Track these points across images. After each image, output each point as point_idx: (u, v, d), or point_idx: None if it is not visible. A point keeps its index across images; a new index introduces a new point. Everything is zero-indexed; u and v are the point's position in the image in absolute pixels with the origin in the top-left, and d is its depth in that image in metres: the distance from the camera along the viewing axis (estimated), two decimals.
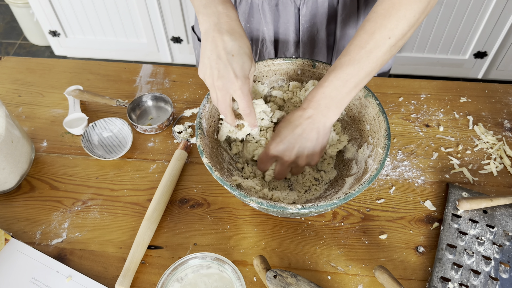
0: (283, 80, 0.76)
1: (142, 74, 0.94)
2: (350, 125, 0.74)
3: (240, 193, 0.59)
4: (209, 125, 0.69)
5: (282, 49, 0.90)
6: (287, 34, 0.87)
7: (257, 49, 0.91)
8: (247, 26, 0.87)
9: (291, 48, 0.89)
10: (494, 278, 0.63)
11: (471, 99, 0.88)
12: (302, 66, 0.74)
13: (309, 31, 0.86)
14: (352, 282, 0.64)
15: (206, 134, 0.67)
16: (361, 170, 0.67)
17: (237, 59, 0.58)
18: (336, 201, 0.57)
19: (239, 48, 0.58)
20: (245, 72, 0.59)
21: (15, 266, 0.65)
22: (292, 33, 0.86)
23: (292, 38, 0.87)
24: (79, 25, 2.04)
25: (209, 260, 0.61)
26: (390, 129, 0.66)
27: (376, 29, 0.59)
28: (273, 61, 0.74)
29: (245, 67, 0.59)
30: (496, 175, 0.76)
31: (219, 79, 0.59)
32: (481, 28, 1.80)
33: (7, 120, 0.71)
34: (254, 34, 0.88)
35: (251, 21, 0.86)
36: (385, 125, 0.65)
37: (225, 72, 0.59)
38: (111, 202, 0.74)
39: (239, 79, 0.59)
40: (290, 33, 0.86)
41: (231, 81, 0.59)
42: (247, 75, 0.59)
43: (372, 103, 0.68)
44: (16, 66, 0.96)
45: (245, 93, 0.61)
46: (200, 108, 0.68)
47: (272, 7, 0.82)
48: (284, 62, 0.74)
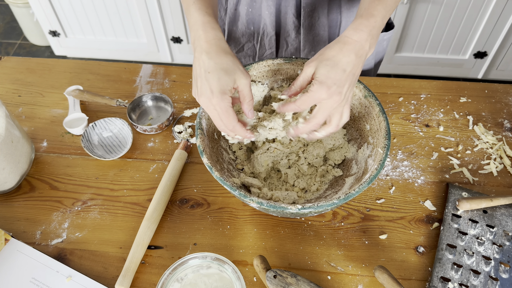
0: (283, 80, 0.77)
1: (142, 74, 0.94)
2: (350, 125, 0.74)
3: (240, 193, 0.59)
4: (209, 125, 0.69)
5: (283, 35, 0.90)
6: (288, 18, 0.87)
7: (258, 36, 0.91)
8: (249, 10, 0.87)
9: (292, 34, 0.89)
10: (494, 278, 0.63)
11: (471, 99, 0.88)
12: (302, 66, 0.74)
13: (310, 16, 0.86)
14: (352, 282, 0.64)
15: (206, 134, 0.67)
16: (361, 170, 0.67)
17: (212, 76, 0.59)
18: (336, 201, 0.57)
19: (214, 65, 0.59)
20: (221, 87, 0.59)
21: (15, 266, 0.65)
22: (292, 16, 0.86)
23: (293, 22, 0.87)
24: (79, 25, 2.04)
25: (209, 260, 0.61)
26: (390, 129, 0.66)
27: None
28: (273, 61, 0.74)
29: (221, 82, 0.59)
30: (496, 175, 0.76)
31: (201, 96, 0.61)
32: (481, 28, 1.80)
33: (7, 120, 0.71)
34: (256, 20, 0.89)
35: (253, 5, 0.86)
36: (385, 125, 0.65)
37: (204, 89, 0.60)
38: (111, 202, 0.74)
39: (214, 94, 0.59)
40: (290, 16, 0.86)
41: (209, 98, 0.60)
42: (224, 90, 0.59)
43: (372, 103, 0.68)
44: (16, 66, 0.96)
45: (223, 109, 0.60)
46: (200, 108, 0.68)
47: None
48: (284, 62, 0.74)
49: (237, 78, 0.60)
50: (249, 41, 0.93)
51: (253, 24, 0.90)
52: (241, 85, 0.61)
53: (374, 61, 0.96)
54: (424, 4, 1.74)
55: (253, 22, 0.89)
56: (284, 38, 0.91)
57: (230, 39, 0.95)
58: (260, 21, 0.89)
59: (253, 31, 0.91)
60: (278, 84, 0.77)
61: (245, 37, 0.93)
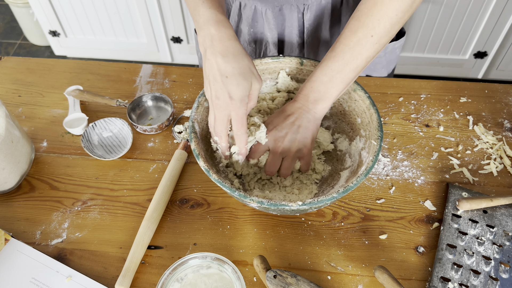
0: (272, 79, 0.77)
1: (142, 74, 0.94)
2: (341, 119, 0.74)
3: (240, 194, 0.59)
4: (201, 128, 0.68)
5: (287, 51, 0.90)
6: (292, 37, 0.87)
7: (260, 51, 0.91)
8: (251, 30, 0.87)
9: (296, 50, 0.90)
10: (494, 278, 0.63)
11: (471, 99, 0.88)
12: (289, 65, 0.74)
13: (313, 32, 0.86)
14: (352, 282, 0.64)
15: (200, 137, 0.66)
16: (356, 163, 0.67)
17: (231, 81, 0.58)
18: (335, 195, 0.57)
19: (232, 69, 0.58)
20: (241, 94, 0.58)
21: (15, 266, 0.65)
22: (296, 36, 0.87)
23: (296, 41, 0.88)
24: (79, 25, 2.04)
25: (209, 260, 0.61)
26: (381, 121, 0.67)
27: (359, 27, 0.62)
28: (261, 60, 0.74)
29: (240, 89, 0.58)
30: (496, 175, 0.76)
31: (217, 99, 0.60)
32: (481, 28, 1.80)
33: (7, 120, 0.71)
34: (258, 37, 0.89)
35: (255, 25, 0.86)
36: (377, 117, 0.66)
37: (221, 93, 0.59)
38: (111, 202, 0.74)
39: (234, 101, 0.59)
40: (294, 36, 0.87)
41: (226, 103, 0.59)
42: (243, 97, 0.59)
43: (361, 96, 0.69)
44: (16, 66, 0.96)
45: (239, 116, 0.60)
46: (192, 112, 0.67)
47: (275, 13, 0.82)
48: (272, 61, 0.74)
49: (253, 83, 0.60)
50: (251, 55, 0.93)
51: (255, 42, 0.90)
52: (254, 90, 0.61)
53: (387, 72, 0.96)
54: (424, 4, 1.74)
55: (255, 40, 0.89)
56: (288, 54, 0.91)
57: None
58: (263, 38, 0.88)
59: (255, 48, 0.91)
60: (267, 84, 0.77)
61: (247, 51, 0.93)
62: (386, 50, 0.90)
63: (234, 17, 0.87)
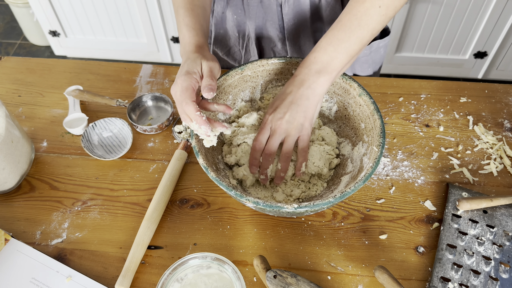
0: (278, 80, 0.77)
1: (142, 74, 0.94)
2: (345, 123, 0.74)
3: (236, 193, 0.59)
4: None
5: (269, 44, 0.91)
6: (272, 31, 0.88)
7: (243, 42, 0.92)
8: (234, 17, 0.89)
9: (278, 44, 0.90)
10: (494, 278, 0.63)
11: (471, 99, 0.88)
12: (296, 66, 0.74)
13: (294, 29, 0.87)
14: (352, 282, 0.64)
15: None
16: (357, 168, 0.67)
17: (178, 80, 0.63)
18: (332, 200, 0.57)
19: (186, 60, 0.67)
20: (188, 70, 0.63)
21: (15, 266, 0.65)
22: (276, 30, 0.87)
23: (277, 35, 0.88)
24: (79, 25, 2.04)
25: (209, 260, 0.61)
26: (384, 128, 0.67)
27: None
28: (268, 60, 0.74)
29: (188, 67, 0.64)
30: (496, 175, 0.76)
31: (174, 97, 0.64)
32: (481, 28, 1.80)
33: (7, 120, 0.71)
34: (242, 26, 0.90)
35: (239, 13, 0.87)
36: (380, 123, 0.65)
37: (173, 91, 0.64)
38: (111, 202, 0.74)
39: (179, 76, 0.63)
40: (274, 30, 0.87)
41: (175, 82, 0.64)
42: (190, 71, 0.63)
43: (366, 101, 0.68)
44: (16, 66, 0.96)
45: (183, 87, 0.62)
46: None
47: (256, 2, 0.83)
48: (278, 62, 0.74)
49: (202, 62, 0.64)
50: (234, 45, 0.94)
51: (239, 29, 0.90)
52: (205, 65, 0.64)
53: (373, 70, 0.96)
54: (424, 4, 1.74)
55: (238, 27, 0.90)
56: (270, 48, 0.92)
57: (217, 41, 0.96)
58: (245, 28, 0.89)
59: (238, 36, 0.92)
60: (273, 85, 0.77)
61: (231, 40, 0.94)
62: (371, 49, 0.90)
63: (220, 2, 0.88)
